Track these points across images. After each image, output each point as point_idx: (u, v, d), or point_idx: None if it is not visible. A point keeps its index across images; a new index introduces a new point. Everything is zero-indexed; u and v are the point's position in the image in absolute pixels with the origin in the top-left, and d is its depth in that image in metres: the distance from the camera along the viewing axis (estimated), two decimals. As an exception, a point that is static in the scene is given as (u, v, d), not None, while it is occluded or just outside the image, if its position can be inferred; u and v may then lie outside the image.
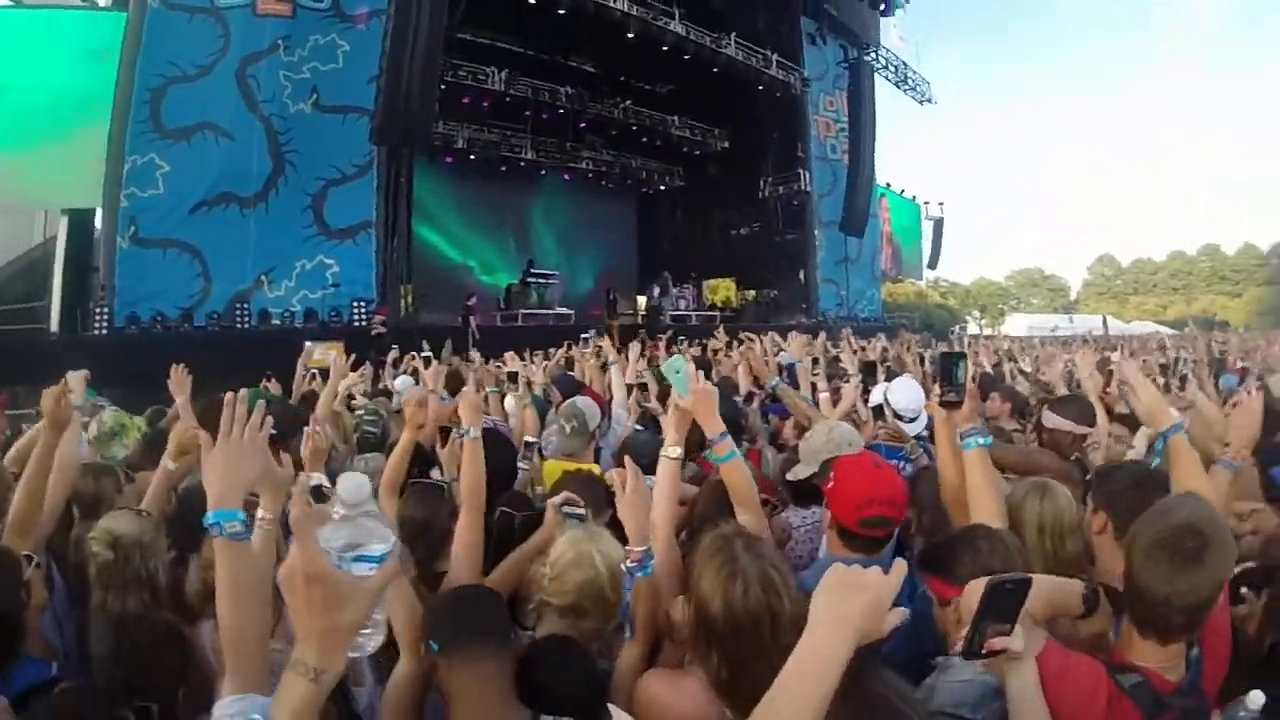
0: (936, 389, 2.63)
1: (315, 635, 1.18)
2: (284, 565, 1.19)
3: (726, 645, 1.85)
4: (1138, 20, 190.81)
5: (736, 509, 2.62)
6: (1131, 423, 4.33)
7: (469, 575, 2.71)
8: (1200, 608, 1.73)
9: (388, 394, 7.10)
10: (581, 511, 2.82)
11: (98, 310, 15.28)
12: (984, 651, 1.58)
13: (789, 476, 3.46)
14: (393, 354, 9.95)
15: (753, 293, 32.76)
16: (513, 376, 5.89)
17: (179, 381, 4.48)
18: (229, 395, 1.80)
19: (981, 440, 2.42)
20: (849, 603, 1.29)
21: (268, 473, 1.88)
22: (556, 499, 2.94)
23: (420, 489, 3.26)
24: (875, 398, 4.70)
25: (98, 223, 16.46)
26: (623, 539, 2.37)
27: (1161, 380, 7.35)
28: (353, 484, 1.26)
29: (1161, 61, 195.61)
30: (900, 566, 1.37)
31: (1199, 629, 1.80)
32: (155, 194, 15.99)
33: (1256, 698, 1.74)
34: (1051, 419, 4.22)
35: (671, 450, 2.66)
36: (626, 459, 2.53)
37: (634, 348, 7.28)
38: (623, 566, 2.33)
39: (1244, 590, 2.40)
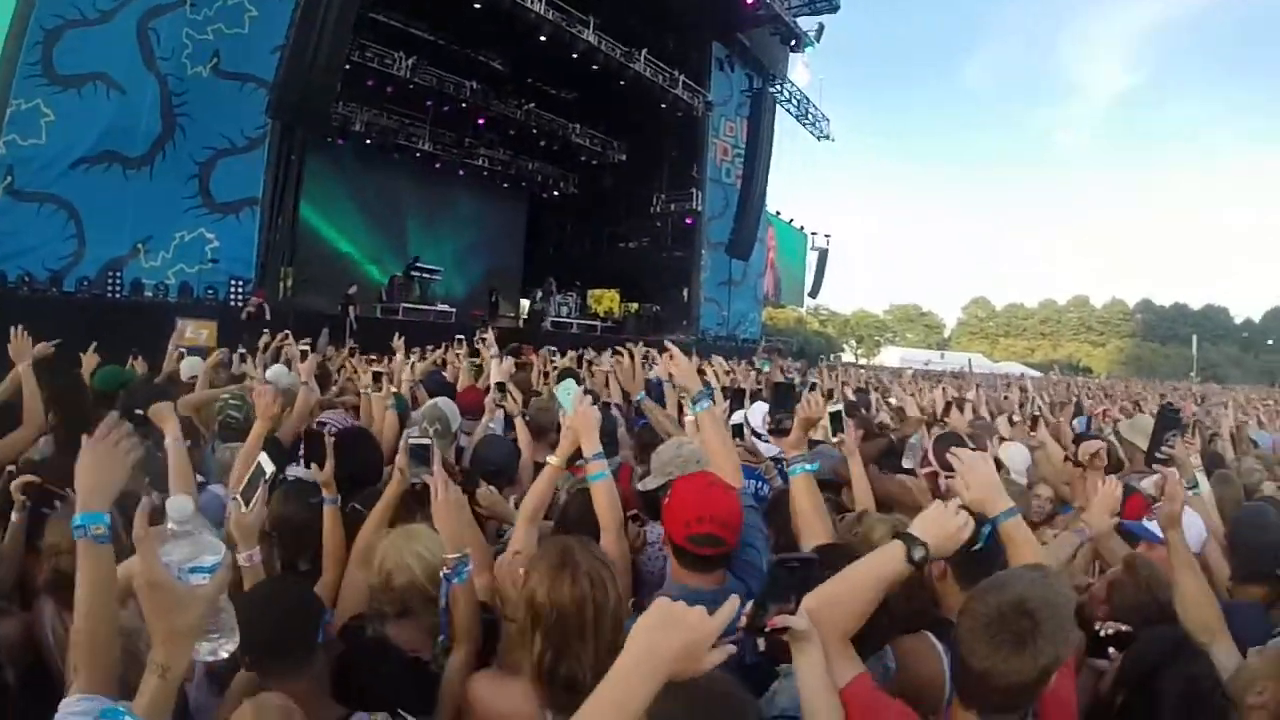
0: (767, 416, 2.78)
1: (161, 636, 1.34)
2: (134, 576, 1.34)
3: (550, 632, 1.96)
4: (1035, 91, 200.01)
5: (601, 529, 2.72)
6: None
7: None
8: (1022, 690, 1.68)
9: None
10: (427, 441, 2.92)
11: None
12: (766, 629, 1.64)
13: (638, 486, 3.48)
14: (264, 339, 9.61)
15: (635, 306, 33.11)
16: (376, 377, 5.85)
17: (19, 347, 4.40)
18: (108, 415, 1.90)
19: (806, 466, 2.57)
20: (664, 641, 1.31)
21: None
22: (400, 456, 3.02)
23: (294, 488, 3.25)
24: (735, 418, 4.83)
25: None
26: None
27: (1018, 417, 7.80)
28: (178, 504, 1.41)
29: (1051, 126, 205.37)
30: (728, 608, 1.38)
31: (1024, 709, 1.76)
32: (36, 144, 15.00)
33: None
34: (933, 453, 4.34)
35: (553, 458, 2.87)
36: (437, 469, 2.62)
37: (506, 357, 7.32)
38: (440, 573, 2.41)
39: (1111, 650, 2.52)
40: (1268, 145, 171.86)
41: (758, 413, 4.55)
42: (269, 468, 2.72)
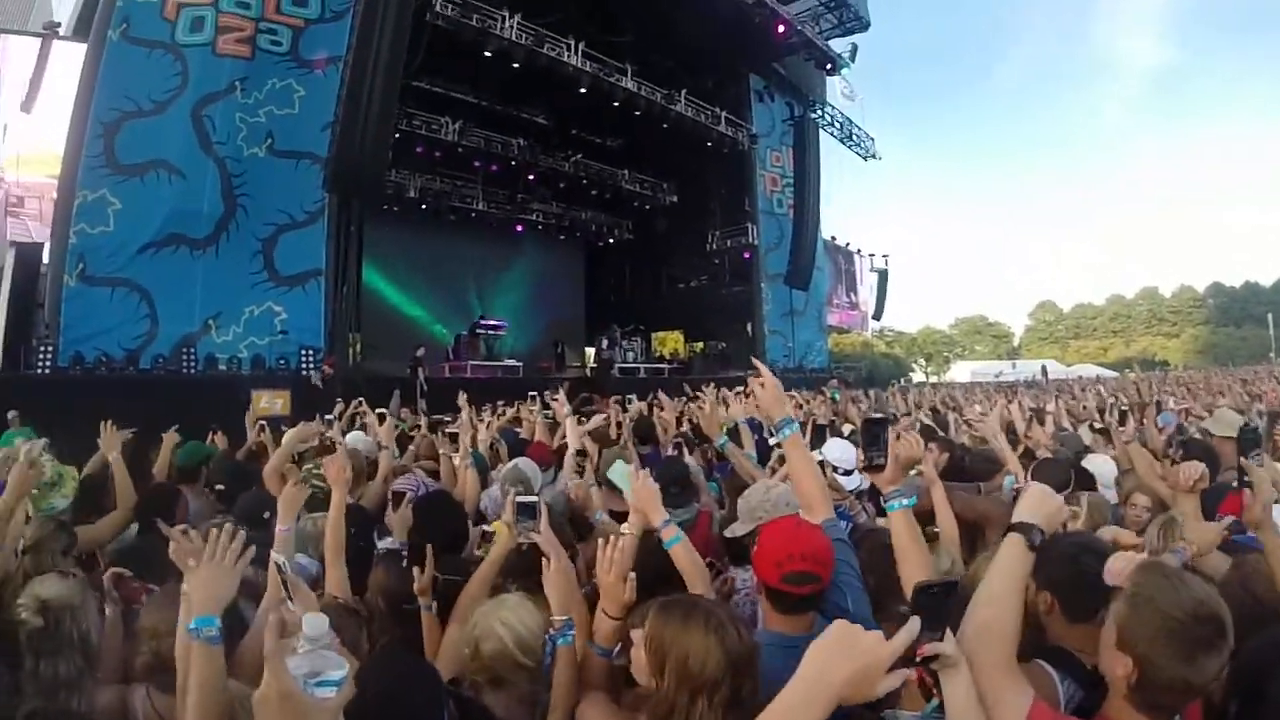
0: (862, 455, 2.77)
1: None
2: (260, 688, 1.38)
3: (726, 692, 1.94)
4: (1072, 79, 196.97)
5: (688, 586, 2.74)
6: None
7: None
8: (1200, 690, 1.79)
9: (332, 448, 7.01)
10: (533, 499, 2.90)
11: (41, 348, 14.86)
12: (916, 659, 1.61)
13: (725, 533, 3.50)
14: (339, 407, 9.79)
15: (701, 345, 32.97)
16: (453, 438, 5.91)
17: (109, 439, 4.55)
18: (224, 527, 2.13)
19: (905, 501, 2.50)
20: (836, 665, 1.34)
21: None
22: (507, 512, 3.05)
23: (390, 559, 3.33)
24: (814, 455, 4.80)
25: (44, 257, 15.98)
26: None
27: (1099, 424, 7.60)
28: (314, 622, 1.46)
29: (1097, 117, 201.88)
30: (905, 634, 1.40)
31: (1191, 704, 1.86)
32: (105, 231, 15.60)
33: None
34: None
35: (628, 528, 2.88)
36: (546, 533, 2.71)
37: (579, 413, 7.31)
38: (546, 634, 2.46)
39: None
40: None
41: (835, 449, 4.50)
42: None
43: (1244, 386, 14.58)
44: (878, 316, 43.45)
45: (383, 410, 8.53)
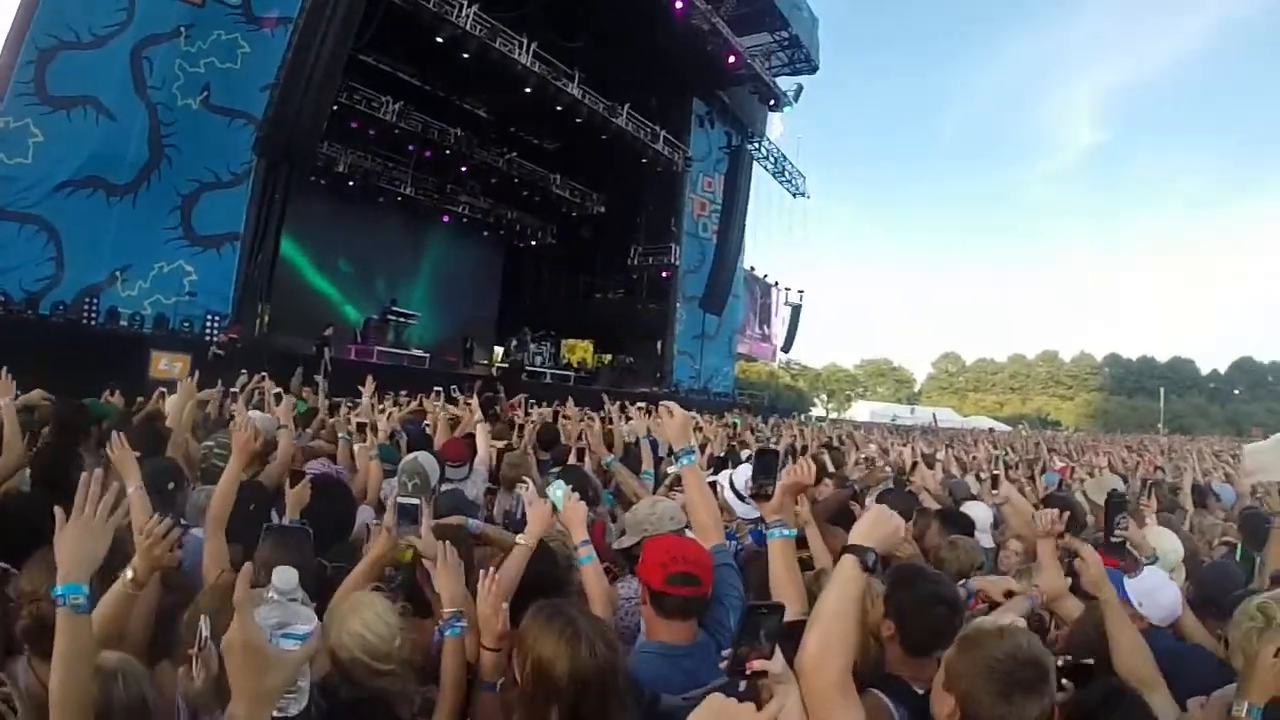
0: (751, 483, 2.89)
1: (247, 695, 1.38)
2: (227, 635, 1.39)
3: (569, 702, 2.01)
4: (1006, 148, 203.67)
5: (591, 602, 2.81)
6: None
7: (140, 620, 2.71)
8: None
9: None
10: (415, 501, 2.96)
11: None
12: (746, 672, 1.69)
13: (613, 545, 3.59)
14: (242, 378, 9.61)
15: (610, 357, 33.27)
16: (360, 428, 5.92)
17: (2, 386, 4.45)
18: (84, 476, 1.94)
19: (785, 532, 2.59)
20: None
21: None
22: (388, 516, 3.05)
23: (281, 532, 3.17)
24: (720, 479, 4.89)
25: None
26: None
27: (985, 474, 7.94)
28: (285, 575, 1.49)
29: (1022, 183, 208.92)
30: (774, 705, 1.45)
31: None
32: (21, 163, 14.92)
33: None
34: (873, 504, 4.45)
35: (522, 539, 3.02)
36: (426, 530, 2.78)
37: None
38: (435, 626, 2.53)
39: (1064, 682, 2.46)
40: (1234, 199, 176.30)
41: (742, 475, 4.61)
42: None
43: (1129, 453, 15.27)
44: (787, 349, 44.18)
45: (279, 390, 8.44)
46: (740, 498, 4.41)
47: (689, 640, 2.50)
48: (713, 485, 4.55)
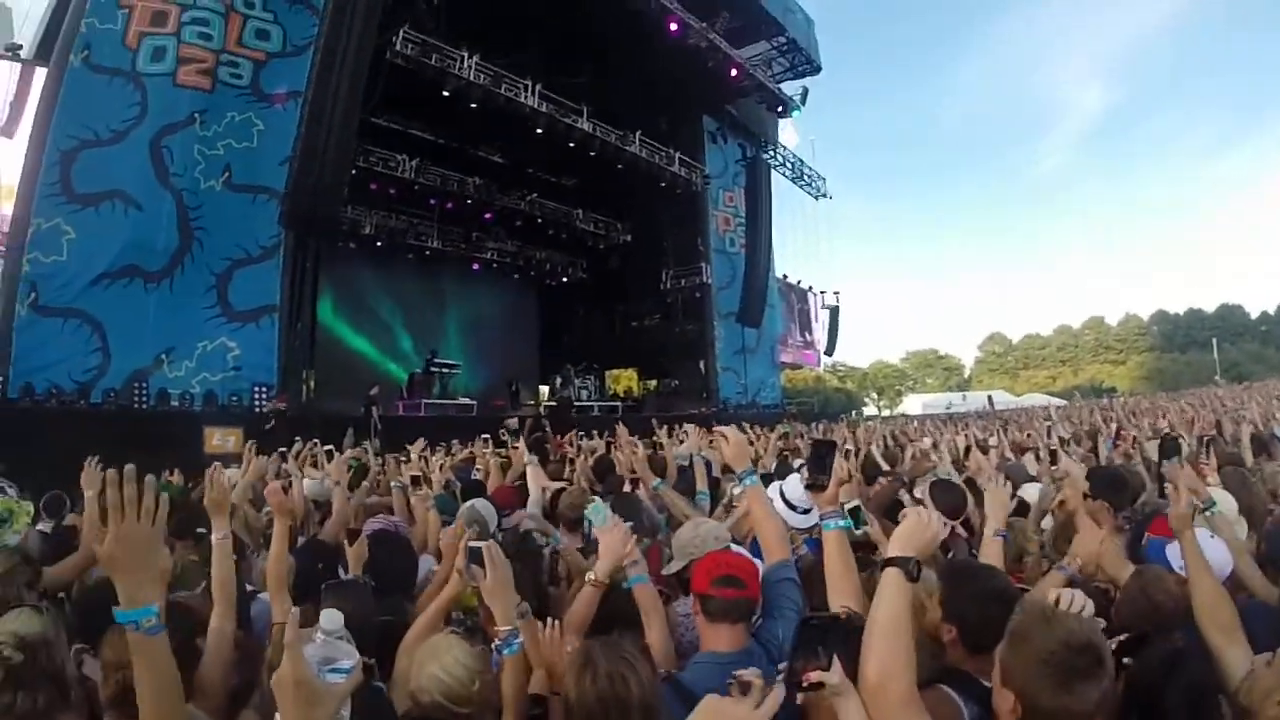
0: (807, 473, 2.93)
1: None
2: (278, 671, 1.49)
3: None
4: (1022, 121, 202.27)
5: (646, 627, 2.93)
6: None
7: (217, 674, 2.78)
8: (1085, 717, 1.81)
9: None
10: (480, 545, 2.95)
11: None
12: (803, 685, 1.74)
13: (662, 571, 3.61)
14: (296, 445, 9.77)
15: (654, 383, 33.19)
16: (415, 480, 5.92)
17: (90, 478, 4.52)
18: (110, 473, 1.78)
19: (840, 523, 2.62)
20: None
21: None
22: (459, 559, 3.06)
23: (340, 588, 3.28)
24: (770, 491, 4.91)
25: None
26: None
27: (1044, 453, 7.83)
28: (331, 616, 1.61)
29: (1041, 155, 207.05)
30: (774, 698, 1.50)
31: None
32: (58, 260, 15.43)
33: None
34: (925, 494, 4.39)
35: (592, 576, 3.05)
36: (492, 544, 2.79)
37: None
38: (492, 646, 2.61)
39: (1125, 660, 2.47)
40: (1254, 132, 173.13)
41: (794, 484, 4.64)
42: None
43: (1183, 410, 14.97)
44: (829, 352, 43.87)
45: (330, 448, 8.57)
46: (791, 507, 4.43)
47: (739, 648, 2.56)
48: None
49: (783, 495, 4.47)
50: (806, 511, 4.43)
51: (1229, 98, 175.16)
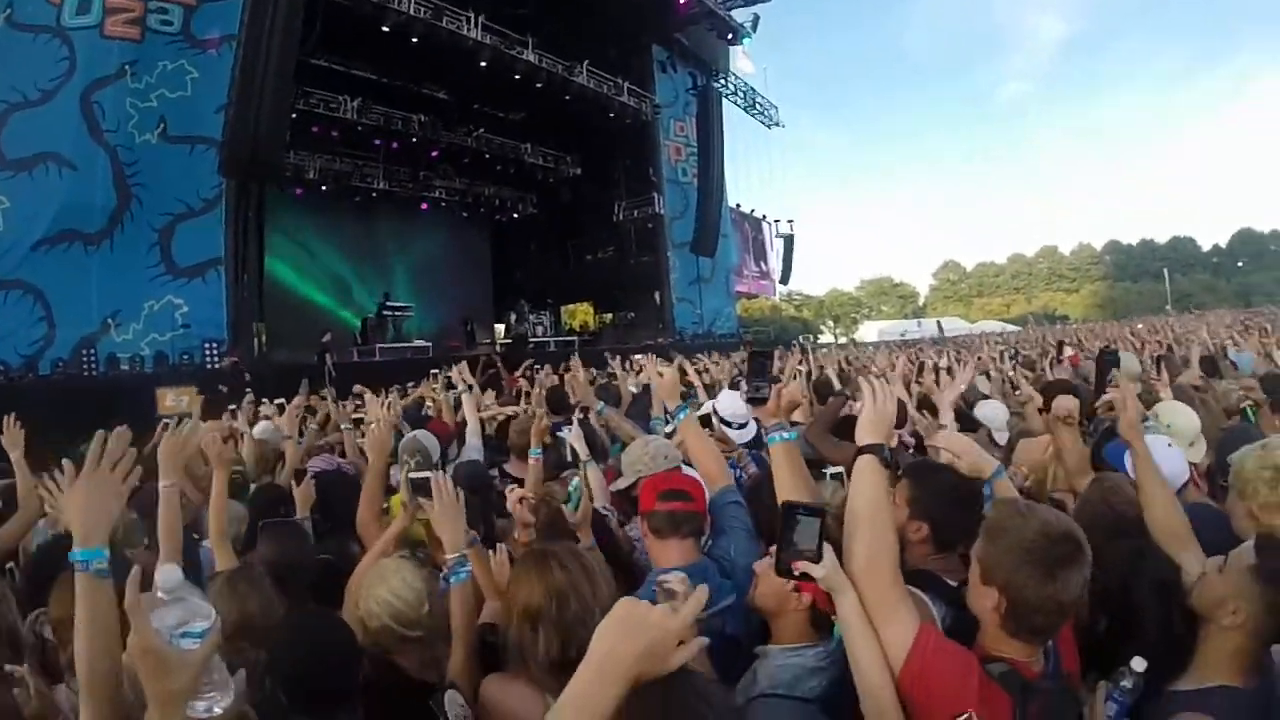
0: (745, 386, 2.88)
1: (155, 699, 1.36)
2: (128, 642, 1.36)
3: (556, 623, 2.10)
4: (977, 49, 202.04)
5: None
6: (933, 409, 4.63)
7: None
8: (1070, 606, 1.86)
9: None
10: (425, 475, 2.91)
11: None
12: (793, 571, 1.73)
13: (610, 488, 3.64)
14: (248, 398, 9.71)
15: (610, 316, 33.32)
16: (357, 423, 6.08)
17: (11, 437, 4.41)
18: (100, 433, 1.87)
19: (785, 435, 2.59)
20: (625, 643, 1.29)
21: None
22: (402, 491, 3.13)
23: (275, 528, 3.37)
24: (704, 408, 4.91)
25: None
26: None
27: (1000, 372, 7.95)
28: (167, 573, 1.43)
29: (999, 81, 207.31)
30: (693, 603, 1.36)
31: (1057, 631, 1.94)
32: (-5, 231, 15.08)
33: (1139, 663, 1.92)
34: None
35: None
36: (440, 473, 2.81)
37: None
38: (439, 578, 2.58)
39: None
40: (1208, 68, 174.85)
41: (726, 400, 4.61)
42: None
43: (1106, 346, 15.26)
44: (785, 281, 44.13)
45: (281, 401, 8.49)
46: (726, 424, 4.42)
47: (689, 563, 2.54)
48: (706, 419, 4.54)
49: (716, 413, 4.47)
50: (743, 426, 4.49)
51: (1188, 29, 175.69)
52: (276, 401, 8.86)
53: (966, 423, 4.81)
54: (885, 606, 1.84)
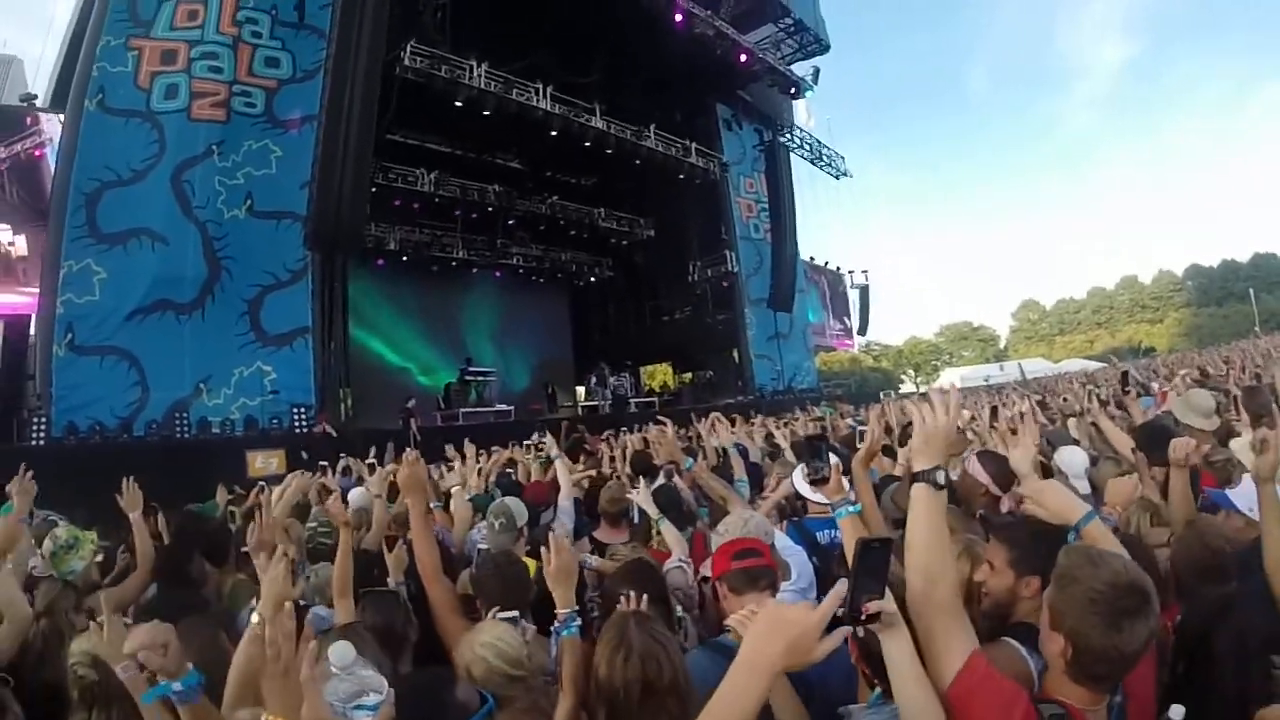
0: (805, 469, 2.94)
1: None
2: (302, 715, 1.44)
3: (610, 706, 2.18)
4: (1040, 82, 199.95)
5: None
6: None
7: None
8: (1134, 658, 1.84)
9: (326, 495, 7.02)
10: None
11: (34, 419, 14.84)
12: (862, 616, 1.72)
13: (702, 571, 3.64)
14: (342, 462, 9.94)
15: (689, 375, 33.08)
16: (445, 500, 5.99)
17: (131, 498, 4.59)
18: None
19: (850, 509, 2.67)
20: (768, 641, 1.44)
21: None
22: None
23: (374, 596, 3.44)
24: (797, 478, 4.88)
25: (32, 329, 16.08)
26: None
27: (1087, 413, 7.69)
28: (340, 651, 1.55)
29: (1062, 115, 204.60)
30: (832, 598, 1.50)
31: (1127, 674, 1.90)
32: (91, 300, 15.70)
33: (1177, 711, 1.91)
34: (973, 466, 4.31)
35: None
36: (558, 532, 2.86)
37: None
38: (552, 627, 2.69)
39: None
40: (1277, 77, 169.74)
41: (799, 476, 4.60)
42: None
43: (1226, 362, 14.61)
44: (862, 331, 43.71)
45: (372, 461, 8.68)
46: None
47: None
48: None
49: (794, 484, 4.49)
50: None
51: (1247, 43, 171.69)
52: (368, 462, 9.06)
53: (1045, 473, 4.68)
54: (942, 633, 1.85)
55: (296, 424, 17.09)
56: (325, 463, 9.57)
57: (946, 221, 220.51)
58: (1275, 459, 2.75)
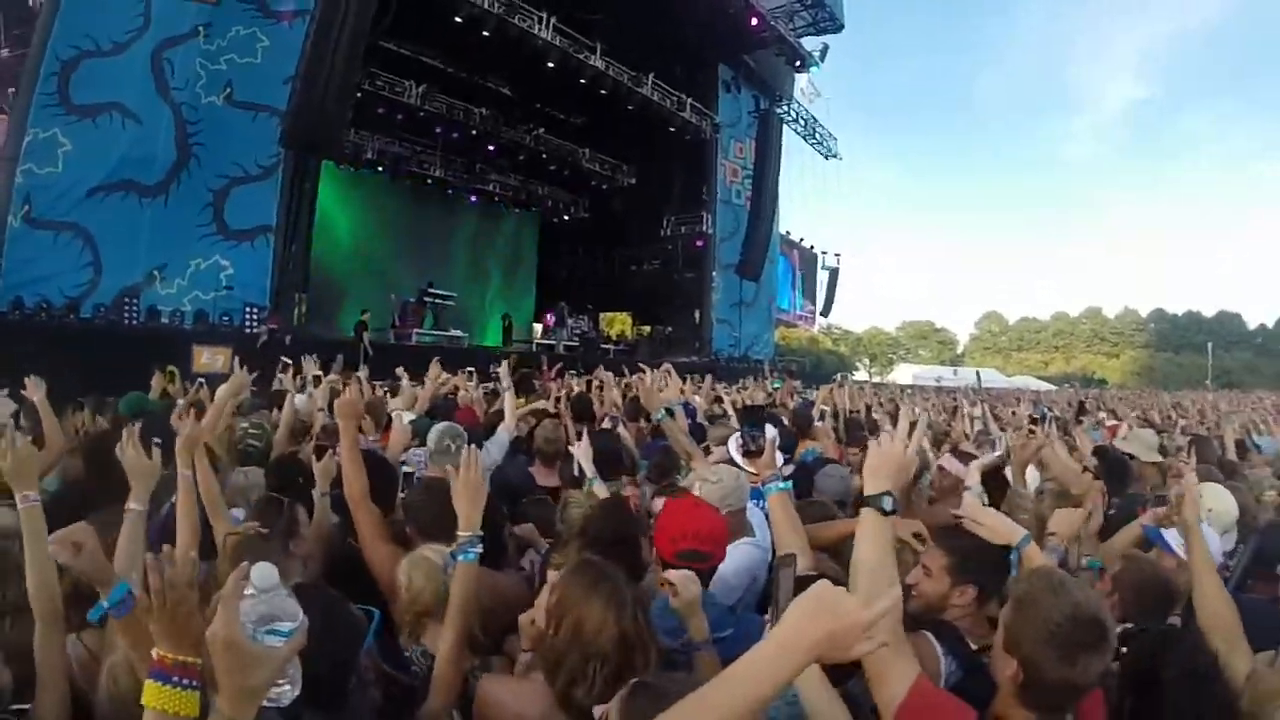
0: (739, 441, 2.87)
1: (228, 692, 1.34)
2: (209, 630, 1.35)
3: (610, 666, 2.02)
4: (1046, 105, 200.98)
5: None
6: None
7: None
8: (1086, 690, 1.86)
9: (278, 398, 6.87)
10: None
11: None
12: None
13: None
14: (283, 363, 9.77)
15: (648, 328, 33.22)
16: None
17: (34, 385, 4.63)
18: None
19: (779, 485, 2.67)
20: (812, 623, 1.28)
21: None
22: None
23: (260, 502, 3.40)
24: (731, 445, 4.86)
25: None
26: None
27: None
28: (263, 572, 1.42)
29: (1062, 139, 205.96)
30: (890, 599, 1.39)
31: (1078, 702, 1.90)
32: (53, 172, 15.12)
33: None
34: (948, 461, 4.44)
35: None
36: (475, 449, 2.78)
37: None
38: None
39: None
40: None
41: (734, 444, 4.58)
42: None
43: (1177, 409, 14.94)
44: (826, 313, 43.95)
45: (318, 374, 8.52)
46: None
47: None
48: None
49: (729, 453, 4.45)
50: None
51: (1261, 107, 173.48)
52: (314, 373, 8.89)
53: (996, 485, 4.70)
54: (886, 654, 1.76)
55: (248, 324, 16.82)
56: (288, 360, 9.36)
57: (925, 222, 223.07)
58: (1193, 513, 2.77)
